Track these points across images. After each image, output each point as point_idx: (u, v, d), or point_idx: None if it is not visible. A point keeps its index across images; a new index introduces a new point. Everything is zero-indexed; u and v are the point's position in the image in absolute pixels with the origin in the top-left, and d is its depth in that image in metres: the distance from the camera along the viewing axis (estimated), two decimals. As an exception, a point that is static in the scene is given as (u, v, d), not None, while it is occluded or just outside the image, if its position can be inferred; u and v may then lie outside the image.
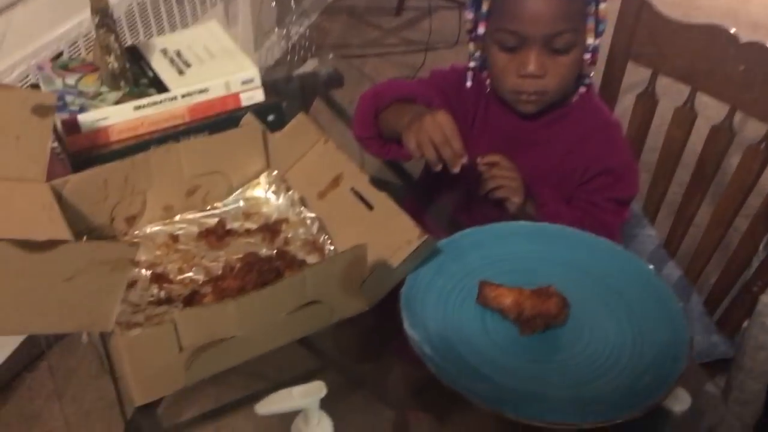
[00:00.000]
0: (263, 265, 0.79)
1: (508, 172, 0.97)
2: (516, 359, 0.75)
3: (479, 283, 0.79)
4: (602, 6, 0.97)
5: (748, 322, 1.05)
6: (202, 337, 0.70)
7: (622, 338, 0.75)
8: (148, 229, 0.88)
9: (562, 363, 0.74)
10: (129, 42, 1.65)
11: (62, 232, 0.74)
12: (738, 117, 1.14)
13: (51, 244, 0.55)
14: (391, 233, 0.83)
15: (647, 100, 1.25)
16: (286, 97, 1.03)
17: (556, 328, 0.76)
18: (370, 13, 3.15)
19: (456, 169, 0.90)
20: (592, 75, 1.04)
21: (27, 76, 1.41)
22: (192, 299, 0.78)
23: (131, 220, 0.87)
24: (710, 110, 1.23)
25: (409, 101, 1.03)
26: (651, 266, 0.80)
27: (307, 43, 2.82)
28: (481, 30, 1.00)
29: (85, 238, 0.83)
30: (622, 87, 1.28)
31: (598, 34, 0.99)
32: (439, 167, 0.92)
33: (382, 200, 0.86)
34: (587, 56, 0.98)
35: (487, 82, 1.09)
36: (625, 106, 1.31)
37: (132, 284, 0.81)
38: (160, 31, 1.78)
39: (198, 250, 0.87)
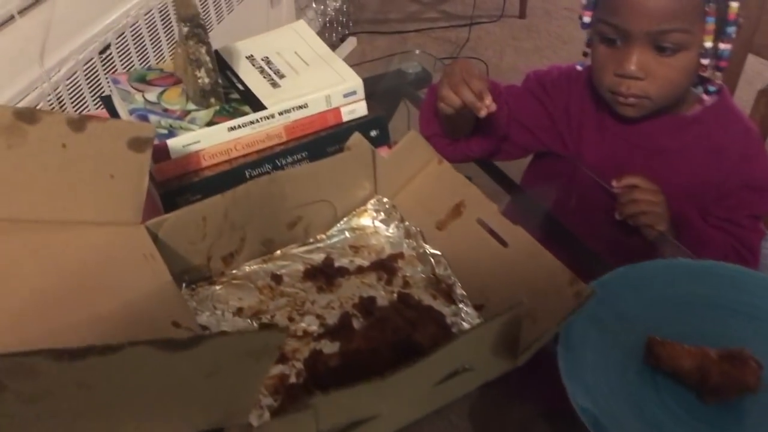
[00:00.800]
0: (396, 322, 0.68)
1: (652, 196, 0.86)
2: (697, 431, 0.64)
3: (648, 339, 0.68)
4: (733, 5, 0.83)
5: None
6: (343, 419, 0.59)
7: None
8: (247, 268, 0.78)
9: (755, 437, 0.64)
10: (174, 32, 1.52)
11: (169, 287, 0.63)
12: None
13: (193, 342, 0.45)
14: (534, 277, 0.72)
15: (770, 98, 1.12)
16: (373, 99, 0.91)
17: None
18: (408, -16, 3.00)
19: (481, 113, 0.84)
20: (719, 82, 0.91)
21: (75, 73, 1.29)
22: (315, 362, 0.67)
23: (229, 259, 0.77)
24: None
25: None
26: None
27: (344, 19, 2.68)
28: (586, 19, 0.90)
29: (184, 286, 0.73)
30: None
31: (725, 37, 0.85)
32: (481, 111, 0.84)
33: (518, 235, 0.75)
34: (705, 61, 0.85)
35: None
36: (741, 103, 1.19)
37: (239, 338, 0.71)
38: (207, 17, 1.65)
39: (307, 294, 0.76)
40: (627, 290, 0.74)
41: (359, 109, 0.86)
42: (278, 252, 0.79)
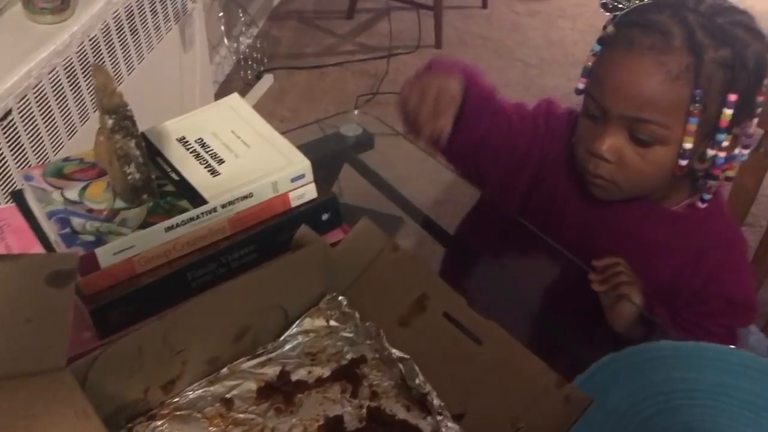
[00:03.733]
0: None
1: (630, 272, 0.82)
2: None
3: (647, 441, 0.63)
4: (726, 113, 0.78)
5: None
6: None
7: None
8: (191, 394, 0.68)
9: None
10: (83, 85, 1.40)
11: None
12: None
13: None
14: (516, 379, 0.66)
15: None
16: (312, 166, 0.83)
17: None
18: (320, 17, 2.94)
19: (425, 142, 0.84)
20: (712, 189, 0.86)
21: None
22: None
23: (169, 387, 0.67)
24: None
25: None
26: None
27: (258, 55, 2.59)
28: (581, 85, 0.85)
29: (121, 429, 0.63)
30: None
31: (715, 144, 0.81)
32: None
33: (491, 331, 0.69)
34: (683, 162, 0.81)
35: None
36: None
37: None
38: (116, 69, 1.54)
39: (264, 420, 0.67)
40: (613, 382, 0.69)
41: (308, 192, 0.78)
42: (225, 370, 0.70)
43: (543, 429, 0.60)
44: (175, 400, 0.67)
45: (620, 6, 0.80)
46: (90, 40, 1.42)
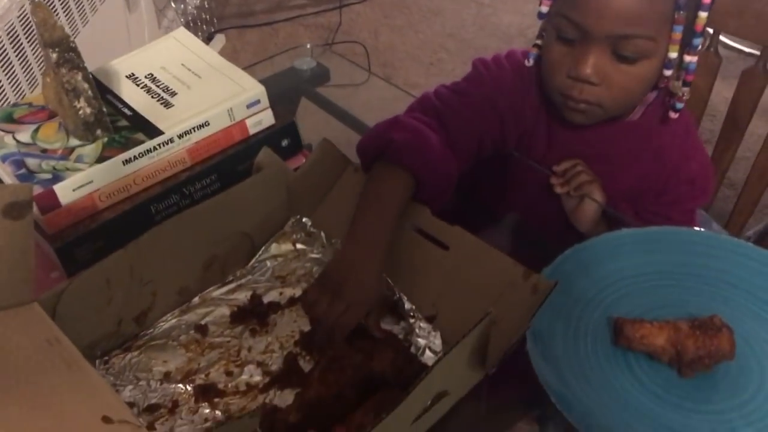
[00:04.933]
0: (351, 358, 0.61)
1: (589, 171, 0.83)
2: (679, 409, 0.62)
3: (614, 321, 0.65)
4: (701, 15, 0.76)
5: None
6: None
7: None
8: (165, 324, 0.69)
9: (741, 407, 0.62)
10: (28, 55, 1.37)
11: (87, 375, 0.53)
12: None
13: None
14: (484, 276, 0.67)
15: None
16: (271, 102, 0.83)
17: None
18: (267, -28, 2.88)
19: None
20: (685, 97, 0.83)
21: None
22: (272, 422, 0.59)
23: (141, 318, 0.68)
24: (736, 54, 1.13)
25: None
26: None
27: (207, 17, 2.54)
28: (543, 8, 0.80)
29: (97, 361, 0.63)
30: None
31: (691, 49, 0.79)
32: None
33: (457, 235, 0.70)
34: (667, 72, 0.79)
35: None
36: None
37: (173, 408, 0.62)
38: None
39: (240, 341, 0.68)
40: (579, 271, 0.71)
41: (266, 118, 0.78)
42: (196, 299, 0.71)
43: (512, 318, 0.62)
44: (150, 331, 0.68)
45: None
46: (31, 3, 1.38)
